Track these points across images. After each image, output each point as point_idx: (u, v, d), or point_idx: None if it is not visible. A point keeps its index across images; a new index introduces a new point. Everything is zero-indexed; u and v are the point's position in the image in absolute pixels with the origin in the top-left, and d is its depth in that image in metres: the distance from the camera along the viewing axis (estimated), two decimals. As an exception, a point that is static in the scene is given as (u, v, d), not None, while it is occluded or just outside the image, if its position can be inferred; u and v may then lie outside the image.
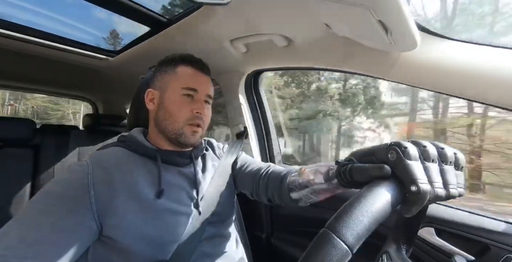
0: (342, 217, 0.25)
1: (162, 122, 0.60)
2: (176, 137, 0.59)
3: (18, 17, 0.90)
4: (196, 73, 0.63)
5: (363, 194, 0.28)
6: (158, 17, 0.85)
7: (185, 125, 0.59)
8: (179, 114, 0.59)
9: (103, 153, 0.57)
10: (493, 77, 0.48)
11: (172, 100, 0.60)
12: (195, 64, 0.64)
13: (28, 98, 14.81)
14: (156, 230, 0.50)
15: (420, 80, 0.58)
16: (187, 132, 0.59)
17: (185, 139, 0.60)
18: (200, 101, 0.61)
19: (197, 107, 0.60)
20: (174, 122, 0.59)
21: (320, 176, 0.47)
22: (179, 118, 0.59)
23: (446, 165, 0.31)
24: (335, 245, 0.24)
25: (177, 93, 0.60)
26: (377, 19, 0.42)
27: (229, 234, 0.65)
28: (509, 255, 0.53)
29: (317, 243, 0.25)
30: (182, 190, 0.58)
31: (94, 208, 0.46)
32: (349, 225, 0.25)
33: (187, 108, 0.60)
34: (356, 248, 0.24)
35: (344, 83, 8.80)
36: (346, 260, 0.24)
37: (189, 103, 0.60)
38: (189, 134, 0.60)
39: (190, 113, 0.60)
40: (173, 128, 0.59)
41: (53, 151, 1.00)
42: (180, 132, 0.59)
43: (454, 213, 0.64)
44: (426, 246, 0.65)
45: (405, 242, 0.39)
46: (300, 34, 0.69)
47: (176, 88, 0.60)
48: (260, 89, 1.10)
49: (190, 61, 0.63)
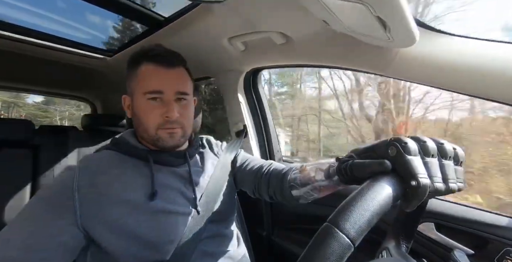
0: (344, 211, 0.26)
1: (138, 129, 0.59)
2: (154, 142, 0.57)
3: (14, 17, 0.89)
4: (158, 71, 0.56)
5: (364, 188, 0.28)
6: (155, 16, 0.85)
7: (158, 130, 0.56)
8: (148, 121, 0.55)
9: (94, 156, 0.57)
10: (492, 72, 0.48)
11: (139, 107, 0.56)
12: (158, 59, 0.56)
13: (20, 105, 14.99)
14: (151, 231, 0.50)
15: (419, 76, 0.58)
16: (163, 136, 0.56)
17: (163, 143, 0.57)
18: (168, 104, 0.55)
19: (165, 111, 0.55)
20: (147, 129, 0.56)
21: (321, 173, 0.48)
22: (150, 125, 0.56)
23: (446, 160, 0.32)
24: (338, 239, 0.24)
25: (142, 99, 0.55)
26: (376, 15, 0.42)
27: (230, 232, 0.65)
28: (508, 248, 0.53)
29: (320, 237, 0.25)
30: (177, 190, 0.57)
31: (78, 213, 0.46)
32: (351, 219, 0.25)
33: (156, 113, 0.55)
34: (358, 241, 0.25)
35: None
36: (348, 254, 0.24)
37: (158, 107, 0.55)
38: (166, 137, 0.56)
39: (160, 119, 0.55)
40: (148, 135, 0.57)
41: (52, 152, 1.00)
42: (155, 137, 0.56)
43: (454, 207, 0.65)
44: (426, 241, 0.65)
45: (404, 238, 0.39)
46: (298, 31, 0.69)
47: (139, 94, 0.56)
48: (259, 87, 1.10)
49: (152, 57, 0.56)
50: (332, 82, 7.60)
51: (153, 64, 0.56)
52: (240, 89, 1.04)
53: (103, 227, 0.47)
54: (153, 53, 0.57)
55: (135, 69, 0.58)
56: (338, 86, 7.81)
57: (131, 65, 0.59)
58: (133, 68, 0.58)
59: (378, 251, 0.40)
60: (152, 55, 0.56)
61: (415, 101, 5.18)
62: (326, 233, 0.25)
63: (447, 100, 4.64)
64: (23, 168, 0.93)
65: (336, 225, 0.25)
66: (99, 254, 0.50)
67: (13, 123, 0.93)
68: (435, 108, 4.94)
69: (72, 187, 0.47)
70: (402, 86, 5.24)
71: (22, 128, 0.93)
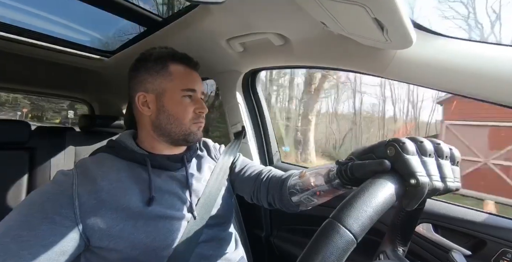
0: (346, 207, 0.26)
1: (166, 126, 0.59)
2: (184, 137, 0.60)
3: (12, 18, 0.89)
4: (190, 72, 0.62)
5: (366, 186, 0.28)
6: (153, 17, 0.85)
7: (192, 124, 0.60)
8: (184, 116, 0.59)
9: (90, 160, 0.56)
10: (489, 74, 0.48)
11: (174, 103, 0.59)
12: (187, 62, 0.62)
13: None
14: (148, 236, 0.49)
15: (416, 78, 0.58)
16: (194, 130, 0.61)
17: (194, 136, 0.61)
18: (199, 101, 0.62)
19: (199, 107, 0.61)
20: (181, 125, 0.59)
21: (320, 178, 0.48)
22: (185, 121, 0.59)
23: (443, 159, 0.32)
24: (341, 234, 0.24)
25: (178, 95, 0.59)
26: (373, 17, 0.42)
27: (228, 235, 0.65)
28: (504, 249, 0.54)
29: (323, 232, 0.25)
30: (175, 195, 0.57)
31: (79, 220, 0.45)
32: (354, 215, 0.25)
33: (190, 109, 0.60)
34: (361, 237, 0.25)
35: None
36: (351, 249, 0.24)
37: (191, 104, 0.60)
38: (196, 131, 0.61)
39: (194, 114, 0.60)
40: (181, 130, 0.59)
41: (49, 153, 0.99)
42: (188, 131, 0.60)
43: (451, 208, 0.65)
44: (423, 242, 0.66)
45: (401, 242, 0.40)
46: (296, 33, 0.69)
47: (176, 90, 0.59)
48: (257, 88, 1.10)
49: (180, 59, 0.61)
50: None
51: (183, 65, 0.61)
52: (238, 90, 1.04)
53: (101, 232, 0.47)
54: (180, 55, 0.61)
55: (162, 67, 0.59)
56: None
57: (154, 63, 0.60)
58: (160, 66, 0.59)
59: (375, 254, 0.40)
60: (180, 57, 0.61)
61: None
62: (329, 228, 0.25)
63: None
64: (19, 169, 0.92)
65: (340, 220, 0.25)
66: (93, 259, 0.49)
67: (9, 125, 0.93)
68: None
69: (72, 195, 0.47)
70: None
71: (18, 130, 0.93)
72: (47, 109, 12.08)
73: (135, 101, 0.60)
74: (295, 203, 0.56)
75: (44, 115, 11.54)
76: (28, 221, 0.43)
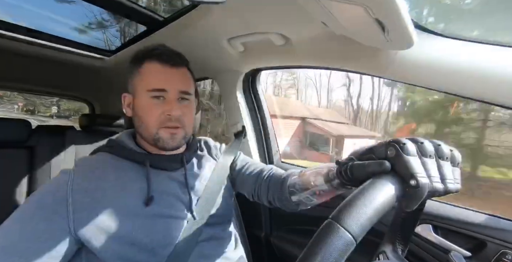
0: (346, 208, 0.26)
1: (138, 129, 0.58)
2: (154, 142, 0.57)
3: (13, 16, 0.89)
4: (163, 69, 0.56)
5: (366, 187, 0.28)
6: (154, 16, 0.85)
7: (159, 129, 0.55)
8: (149, 119, 0.55)
9: (90, 159, 0.56)
10: (491, 75, 0.48)
11: (141, 105, 0.56)
12: (162, 58, 0.56)
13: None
14: (147, 236, 0.49)
15: (417, 79, 0.58)
16: (164, 136, 0.55)
17: (164, 143, 0.56)
18: (171, 102, 0.55)
19: (168, 109, 0.55)
20: (148, 128, 0.56)
21: (320, 178, 0.48)
22: (150, 123, 0.55)
23: (443, 160, 0.32)
24: (340, 235, 0.24)
25: (145, 97, 0.55)
26: (374, 17, 0.42)
27: (227, 235, 0.65)
28: (504, 250, 0.54)
29: (322, 232, 0.25)
30: (173, 195, 0.57)
31: (71, 216, 0.45)
32: (353, 216, 0.25)
33: (158, 111, 0.55)
34: (360, 238, 0.25)
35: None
36: (351, 250, 0.24)
37: (160, 106, 0.55)
38: (167, 138, 0.56)
39: (162, 117, 0.55)
40: (149, 134, 0.56)
41: (49, 152, 0.99)
42: (156, 137, 0.55)
43: (451, 209, 0.65)
44: (423, 243, 0.65)
45: (401, 242, 0.39)
46: (297, 33, 0.69)
47: (142, 91, 0.55)
48: (258, 88, 1.10)
49: (157, 55, 0.56)
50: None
51: (158, 62, 0.56)
52: (239, 90, 1.04)
53: (99, 231, 0.46)
54: (158, 52, 0.56)
55: (138, 66, 0.57)
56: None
57: (134, 63, 0.58)
58: (136, 65, 0.58)
59: (375, 255, 0.40)
60: (156, 53, 0.56)
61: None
62: (328, 229, 0.25)
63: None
64: (19, 168, 0.92)
65: (339, 221, 0.25)
66: (93, 258, 0.49)
67: (10, 124, 0.93)
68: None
69: (66, 191, 0.47)
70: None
71: (19, 128, 0.93)
72: (39, 104, 12.44)
73: (122, 103, 0.61)
74: (295, 202, 0.56)
75: (36, 109, 11.87)
76: (25, 217, 0.44)
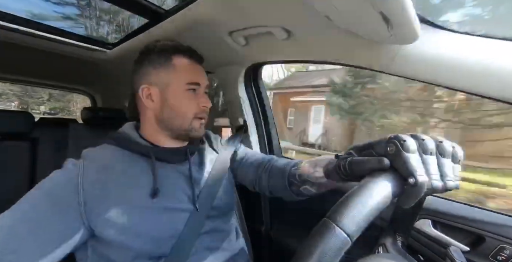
0: (342, 207, 0.26)
1: (168, 120, 0.59)
2: (186, 132, 0.60)
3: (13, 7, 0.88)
4: (195, 65, 0.61)
5: (363, 185, 0.28)
6: (156, 9, 0.84)
7: (193, 120, 0.60)
8: (187, 110, 0.59)
9: (96, 151, 0.56)
10: (497, 71, 0.47)
11: (177, 97, 0.58)
12: (191, 55, 0.61)
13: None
14: (153, 228, 0.51)
15: (420, 74, 0.57)
16: (196, 126, 0.60)
17: (195, 133, 0.61)
18: (203, 95, 0.61)
19: (203, 101, 0.60)
20: (183, 119, 0.59)
21: (320, 169, 0.48)
22: (188, 115, 0.59)
23: (444, 158, 0.32)
24: (335, 234, 0.24)
25: (181, 89, 0.58)
26: (378, 11, 0.41)
27: (229, 227, 0.66)
28: (502, 245, 0.54)
29: (318, 231, 0.25)
30: (178, 188, 0.58)
31: (83, 209, 0.47)
32: (349, 215, 0.25)
33: (194, 103, 0.59)
34: (356, 237, 0.25)
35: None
36: (346, 249, 0.24)
37: (194, 98, 0.60)
38: (198, 128, 0.61)
39: (198, 108, 0.60)
40: (182, 124, 0.59)
41: (52, 144, 1.00)
42: (190, 127, 0.60)
43: (450, 205, 0.65)
44: (422, 238, 0.66)
45: (401, 235, 0.40)
46: (300, 27, 0.68)
47: (180, 84, 0.58)
48: (260, 82, 1.09)
49: (184, 52, 0.60)
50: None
51: (187, 58, 0.60)
52: (240, 84, 1.04)
53: (106, 222, 0.48)
54: (184, 49, 0.60)
55: (166, 60, 0.59)
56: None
57: (157, 56, 0.59)
58: (162, 58, 0.59)
59: (375, 247, 0.40)
60: (184, 50, 0.60)
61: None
62: (324, 228, 0.25)
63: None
64: (22, 160, 0.93)
65: (334, 220, 0.25)
66: (100, 248, 0.50)
67: (13, 116, 0.93)
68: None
69: (77, 183, 0.48)
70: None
71: (21, 121, 0.93)
72: (31, 103, 13.09)
73: (139, 94, 0.60)
74: (295, 192, 0.57)
75: (30, 107, 12.63)
76: (34, 206, 0.45)
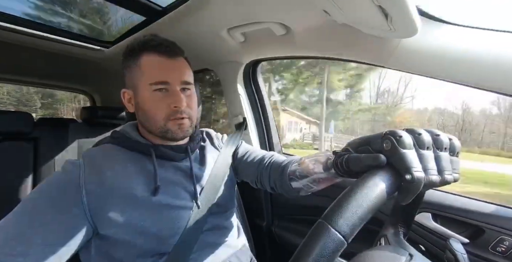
0: (337, 208, 0.26)
1: (145, 123, 0.58)
2: (163, 134, 0.57)
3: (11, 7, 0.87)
4: (162, 61, 0.55)
5: (358, 184, 0.28)
6: (153, 6, 0.83)
7: (168, 121, 0.55)
8: (156, 113, 0.55)
9: (97, 151, 0.56)
10: (498, 64, 0.47)
11: (145, 99, 0.55)
12: (159, 49, 0.55)
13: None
14: (155, 225, 0.51)
15: (421, 68, 0.57)
16: (172, 128, 0.56)
17: (173, 134, 0.56)
18: (175, 93, 0.55)
19: (173, 101, 0.54)
20: (155, 122, 0.55)
21: (319, 166, 0.48)
22: (158, 117, 0.55)
23: (441, 151, 0.32)
24: (331, 236, 0.25)
25: (147, 90, 0.54)
26: (377, 5, 0.41)
27: (230, 224, 0.66)
28: (502, 237, 0.55)
29: (313, 233, 0.26)
30: (179, 185, 0.58)
31: (87, 208, 0.47)
32: (344, 216, 0.26)
33: (163, 104, 0.54)
34: (351, 237, 0.25)
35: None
36: (341, 249, 0.25)
37: (164, 98, 0.55)
38: (175, 129, 0.56)
39: (168, 109, 0.55)
40: (157, 127, 0.56)
41: (52, 144, 1.00)
42: (164, 129, 0.56)
43: (449, 198, 0.66)
44: (422, 230, 0.67)
45: (402, 226, 0.40)
46: (298, 22, 0.68)
47: (145, 85, 0.54)
48: (258, 79, 1.09)
49: (153, 47, 0.55)
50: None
51: (156, 54, 0.55)
52: (239, 81, 1.04)
53: (109, 221, 0.48)
54: (153, 43, 0.55)
55: (135, 60, 0.56)
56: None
57: (130, 57, 0.57)
58: (132, 59, 0.56)
59: (376, 239, 0.41)
60: (153, 45, 0.55)
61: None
62: (319, 230, 0.25)
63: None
64: (23, 160, 0.93)
65: (330, 222, 0.25)
66: (103, 246, 0.50)
67: (13, 116, 0.93)
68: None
69: (79, 183, 0.48)
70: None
71: (21, 121, 0.93)
72: (26, 110, 13.40)
73: (122, 99, 0.60)
74: (296, 188, 0.57)
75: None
76: (39, 209, 0.45)
